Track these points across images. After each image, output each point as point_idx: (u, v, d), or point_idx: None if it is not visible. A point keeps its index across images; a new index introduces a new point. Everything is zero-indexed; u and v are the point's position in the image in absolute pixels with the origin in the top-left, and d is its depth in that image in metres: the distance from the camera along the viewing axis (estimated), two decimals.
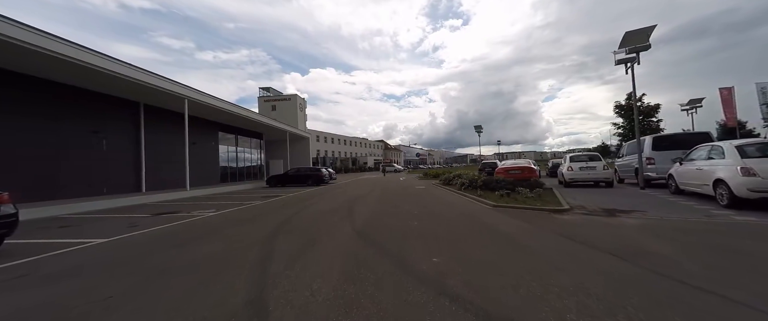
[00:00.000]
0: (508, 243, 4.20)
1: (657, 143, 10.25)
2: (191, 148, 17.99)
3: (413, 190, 13.23)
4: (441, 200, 9.31)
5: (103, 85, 12.12)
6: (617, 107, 25.04)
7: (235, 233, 5.32)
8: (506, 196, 8.83)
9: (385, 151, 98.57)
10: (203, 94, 15.37)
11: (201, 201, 11.42)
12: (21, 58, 9.08)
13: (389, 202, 9.16)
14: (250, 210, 8.41)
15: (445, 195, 10.91)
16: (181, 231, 5.75)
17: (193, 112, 17.36)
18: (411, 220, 6.04)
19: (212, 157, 20.08)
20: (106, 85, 12.03)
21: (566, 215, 6.27)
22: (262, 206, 9.23)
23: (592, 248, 3.80)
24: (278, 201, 10.59)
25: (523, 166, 12.64)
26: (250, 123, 22.04)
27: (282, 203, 9.83)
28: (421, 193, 11.78)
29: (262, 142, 27.33)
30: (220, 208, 9.07)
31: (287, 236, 4.87)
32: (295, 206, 8.86)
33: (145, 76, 12.14)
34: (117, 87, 12.33)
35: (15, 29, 7.90)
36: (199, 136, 18.79)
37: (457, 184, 12.92)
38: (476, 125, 28.35)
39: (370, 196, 10.98)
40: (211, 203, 10.52)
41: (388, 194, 11.75)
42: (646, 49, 9.71)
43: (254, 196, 13.08)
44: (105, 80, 11.38)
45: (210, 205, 10.03)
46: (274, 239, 4.69)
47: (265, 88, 61.42)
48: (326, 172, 20.58)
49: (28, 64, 9.60)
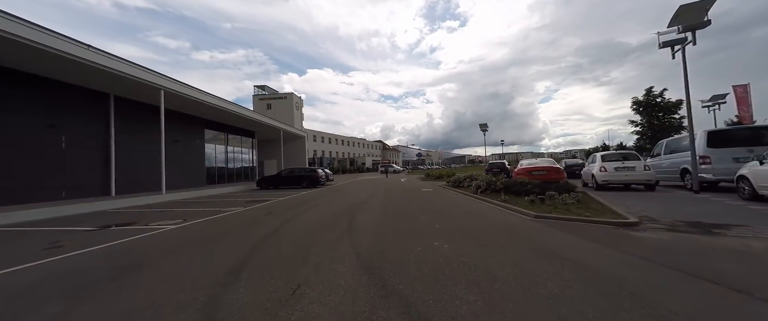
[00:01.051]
0: (601, 283, 2.55)
1: (713, 139, 8.68)
2: (172, 147, 16.24)
3: (421, 194, 11.58)
4: (461, 208, 7.66)
5: (62, 73, 10.36)
6: (634, 104, 23.49)
7: (179, 266, 3.61)
8: (539, 203, 7.21)
9: (383, 151, 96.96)
10: (183, 85, 13.63)
11: (173, 207, 9.69)
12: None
13: (398, 210, 7.50)
14: (223, 221, 6.71)
15: (463, 200, 9.27)
16: (105, 259, 4.03)
17: (174, 106, 15.62)
18: (435, 238, 4.38)
19: (197, 156, 18.31)
20: (66, 72, 10.27)
21: (642, 231, 4.65)
22: (242, 215, 7.53)
23: (747, 296, 2.20)
24: (263, 208, 8.89)
25: (548, 166, 11.01)
26: (241, 120, 20.30)
27: (267, 211, 8.13)
28: (433, 198, 10.12)
29: (254, 140, 25.56)
30: (190, 217, 7.36)
31: (254, 274, 3.17)
32: (282, 215, 7.17)
33: (112, 62, 10.41)
34: (80, 75, 10.58)
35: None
36: (182, 133, 17.03)
37: (471, 187, 11.29)
38: (482, 123, 26.78)
39: (372, 202, 9.31)
40: (182, 210, 8.79)
41: (393, 199, 10.09)
42: (704, 27, 8.14)
43: (239, 200, 11.37)
44: (64, 66, 9.64)
45: (180, 213, 8.31)
46: (233, 281, 3.00)
47: (259, 86, 59.54)
48: (322, 173, 18.89)
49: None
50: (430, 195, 11.18)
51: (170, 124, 16.21)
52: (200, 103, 15.43)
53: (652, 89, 22.66)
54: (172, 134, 16.26)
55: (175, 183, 15.88)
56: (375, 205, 8.42)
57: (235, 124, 21.70)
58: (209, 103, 15.55)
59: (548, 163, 11.49)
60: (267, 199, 11.57)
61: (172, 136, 16.22)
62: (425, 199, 9.95)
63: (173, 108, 16.00)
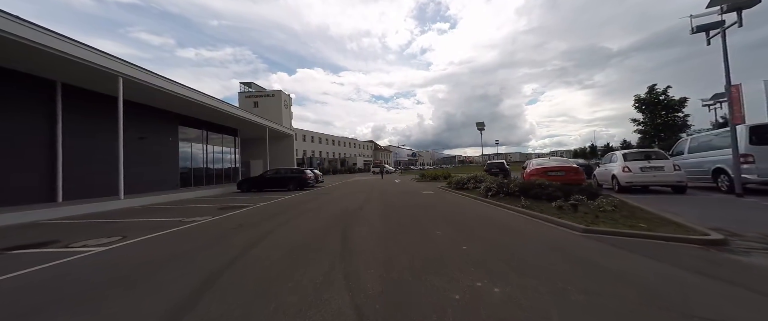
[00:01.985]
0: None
1: (757, 135, 7.65)
2: (137, 145, 14.36)
3: (423, 198, 10.20)
4: (479, 216, 6.31)
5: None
6: (637, 101, 22.73)
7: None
8: (570, 210, 5.95)
9: (374, 151, 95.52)
10: (146, 73, 11.80)
11: (123, 218, 7.97)
12: None
13: (403, 220, 6.08)
14: (175, 240, 5.12)
15: (476, 206, 7.93)
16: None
17: (141, 98, 13.75)
18: (471, 270, 2.98)
19: (169, 156, 16.40)
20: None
21: (744, 255, 3.40)
22: (204, 229, 5.95)
23: None
24: (236, 217, 7.32)
25: (566, 166, 9.79)
26: (221, 116, 18.47)
27: (239, 222, 6.57)
28: (438, 203, 8.76)
29: (237, 139, 23.66)
30: (134, 232, 5.72)
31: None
32: (257, 229, 5.64)
33: (54, 42, 8.60)
34: (10, 56, 8.72)
35: None
36: (152, 129, 15.13)
37: (479, 190, 9.98)
38: (478, 122, 25.76)
39: (370, 209, 7.87)
40: (131, 222, 7.11)
41: (394, 204, 8.67)
42: (753, 5, 7.07)
43: (211, 207, 9.71)
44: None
45: (125, 226, 6.64)
46: None
47: (246, 83, 57.01)
48: (311, 174, 17.29)
49: None
50: (433, 199, 9.82)
51: (137, 118, 14.34)
52: (171, 95, 13.60)
53: (655, 87, 22.10)
54: (138, 130, 14.40)
55: (141, 186, 14.01)
56: (373, 213, 6.97)
57: (215, 120, 19.83)
58: (181, 95, 13.73)
59: (564, 162, 10.27)
60: (245, 205, 9.95)
61: (137, 132, 14.36)
62: (430, 203, 8.57)
63: (140, 100, 14.13)
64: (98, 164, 12.04)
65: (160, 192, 14.04)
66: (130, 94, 13.16)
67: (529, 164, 10.69)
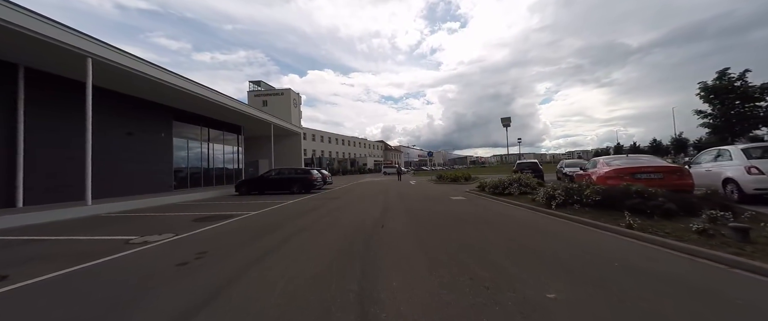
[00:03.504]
0: None
1: None
2: (127, 142, 12.67)
3: (456, 207, 7.94)
4: (575, 245, 4.01)
5: None
6: (702, 90, 19.30)
7: None
8: (741, 238, 3.58)
9: (385, 152, 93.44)
10: (122, 54, 9.96)
11: (73, 233, 6.05)
12: None
13: (451, 249, 3.86)
14: (119, 277, 3.07)
15: (547, 224, 5.63)
16: None
17: (128, 88, 12.04)
18: None
19: (162, 154, 14.69)
20: None
21: None
22: (144, 261, 3.89)
23: None
24: (208, 237, 5.27)
25: (664, 166, 7.13)
26: (221, 110, 16.69)
27: (206, 247, 4.50)
28: (486, 217, 6.48)
29: (240, 137, 21.95)
30: (80, 257, 3.74)
31: None
32: (227, 263, 3.55)
33: (10, 13, 6.85)
34: None
35: None
36: (141, 124, 13.43)
37: (538, 198, 7.59)
38: (504, 117, 23.19)
39: (393, 225, 5.68)
40: (79, 241, 5.16)
41: (422, 216, 6.45)
42: None
43: (189, 217, 7.74)
44: None
45: (72, 247, 4.67)
46: None
47: (255, 81, 55.93)
48: (318, 175, 15.26)
49: None
50: (473, 209, 7.54)
51: (124, 112, 12.66)
52: (159, 84, 11.82)
53: (728, 71, 18.86)
54: (125, 125, 12.71)
55: (131, 188, 12.31)
56: (402, 236, 4.78)
57: (215, 116, 18.11)
58: (168, 82, 11.91)
59: (656, 161, 7.64)
60: (232, 214, 7.95)
61: (125, 127, 12.67)
62: (476, 217, 6.30)
63: (128, 91, 12.44)
64: (73, 163, 10.31)
65: (150, 194, 12.29)
66: (114, 84, 11.47)
67: (599, 164, 8.17)
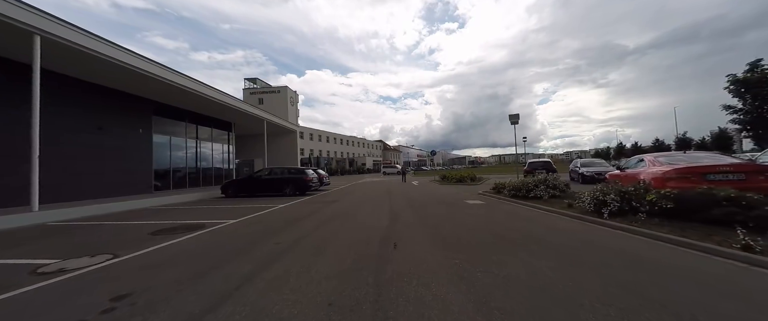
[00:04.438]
0: None
1: None
2: (97, 138, 11.21)
3: (477, 212, 6.57)
4: (686, 283, 2.66)
5: None
6: (732, 83, 17.82)
7: None
8: None
9: (384, 151, 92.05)
10: (76, 31, 8.47)
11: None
12: None
13: (504, 286, 2.48)
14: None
15: (609, 240, 4.27)
16: None
17: (92, 75, 10.58)
18: None
19: (140, 152, 13.22)
20: None
21: None
22: (73, 299, 2.49)
23: None
24: (156, 260, 3.88)
25: (745, 165, 5.70)
26: (208, 104, 15.23)
27: (152, 281, 3.12)
28: (536, 232, 5.13)
29: (231, 134, 20.47)
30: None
31: None
32: (160, 320, 2.18)
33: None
34: None
35: None
36: (114, 118, 11.97)
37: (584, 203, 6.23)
38: (512, 114, 21.84)
39: (409, 240, 4.31)
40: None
41: (443, 228, 5.08)
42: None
43: (157, 227, 6.32)
44: None
45: None
46: None
47: (251, 78, 54.24)
48: (314, 176, 13.85)
49: None
50: (503, 217, 6.18)
51: (94, 104, 11.19)
52: (133, 73, 10.36)
53: (761, 62, 17.42)
54: (95, 119, 11.25)
55: (95, 190, 10.84)
56: (426, 268, 3.42)
57: (202, 111, 16.64)
58: (141, 70, 10.44)
59: (723, 159, 6.27)
60: (207, 223, 6.54)
61: (94, 121, 11.21)
62: (520, 232, 4.94)
63: (96, 79, 10.98)
64: (23, 161, 8.83)
65: (125, 197, 10.84)
66: (79, 70, 10.01)
67: (648, 162, 6.75)
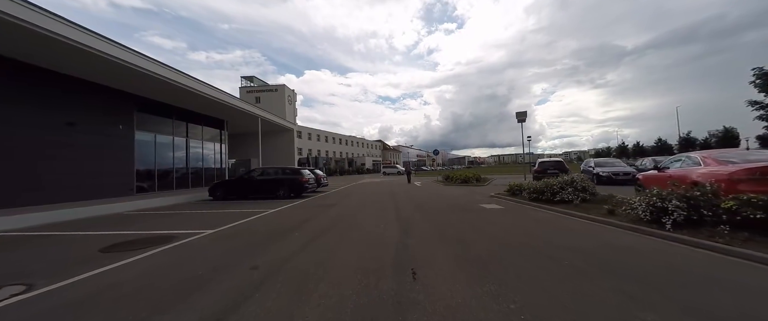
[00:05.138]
0: None
1: None
2: (69, 134, 10.07)
3: (513, 225, 5.49)
4: None
5: None
6: (758, 77, 16.84)
7: None
8: None
9: (383, 151, 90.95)
10: (27, 6, 7.31)
11: None
12: None
13: None
14: None
15: (727, 271, 3.19)
16: None
17: (60, 64, 9.46)
18: None
19: (120, 151, 12.07)
20: None
21: None
22: None
23: None
24: (82, 299, 2.77)
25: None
26: (196, 99, 14.09)
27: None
28: (601, 253, 4.05)
29: (223, 133, 19.34)
30: None
31: None
32: None
33: None
34: None
35: None
36: (89, 113, 10.84)
37: (637, 211, 5.19)
38: (519, 112, 20.82)
39: (431, 271, 3.22)
40: None
41: (476, 248, 4.00)
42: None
43: (114, 240, 5.21)
44: None
45: None
46: None
47: (247, 77, 53.03)
48: (311, 176, 12.75)
49: None
50: (535, 227, 5.10)
51: (61, 96, 9.98)
52: (105, 61, 9.23)
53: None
54: (64, 113, 10.12)
55: (65, 192, 9.70)
56: (465, 307, 2.33)
57: (191, 107, 15.50)
58: (113, 57, 9.30)
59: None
60: (177, 234, 5.44)
61: (63, 116, 10.08)
62: (570, 253, 3.85)
63: (72, 72, 9.86)
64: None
65: (99, 200, 9.72)
66: (46, 59, 8.89)
67: (705, 160, 5.62)
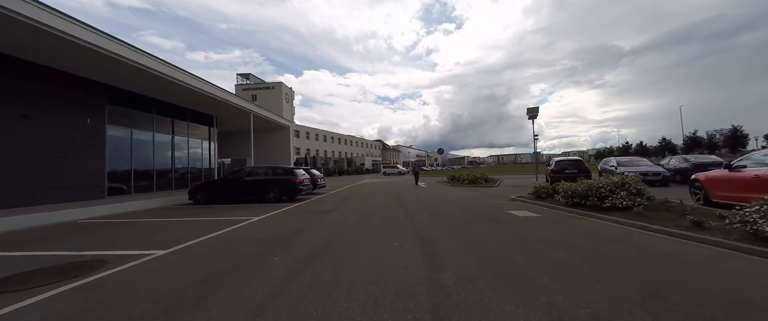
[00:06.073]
0: None
1: None
2: (26, 129, 8.63)
3: (559, 238, 4.07)
4: None
5: None
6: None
7: None
8: None
9: (383, 151, 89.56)
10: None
11: None
12: None
13: None
14: None
15: None
16: None
17: (12, 48, 8.01)
18: None
19: (88, 148, 10.60)
20: None
21: None
22: None
23: None
24: None
25: None
26: (181, 92, 12.64)
27: None
28: (720, 295, 2.62)
29: (212, 129, 17.87)
30: None
31: None
32: None
33: None
34: None
35: None
36: (48, 104, 9.38)
37: (699, 221, 3.79)
38: (530, 107, 19.45)
39: None
40: None
41: (541, 281, 2.59)
42: None
43: (13, 269, 3.78)
44: None
45: None
46: None
47: (243, 74, 51.46)
48: (305, 177, 11.31)
49: None
50: (602, 246, 3.67)
51: (13, 84, 8.57)
52: (73, 45, 7.78)
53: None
54: (20, 104, 8.68)
55: (19, 195, 8.25)
56: None
57: (174, 100, 14.04)
58: (81, 39, 7.86)
59: None
60: (112, 259, 4.00)
61: (16, 107, 8.63)
62: (693, 298, 2.46)
63: (16, 53, 8.40)
64: None
65: (60, 205, 8.29)
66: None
67: None
